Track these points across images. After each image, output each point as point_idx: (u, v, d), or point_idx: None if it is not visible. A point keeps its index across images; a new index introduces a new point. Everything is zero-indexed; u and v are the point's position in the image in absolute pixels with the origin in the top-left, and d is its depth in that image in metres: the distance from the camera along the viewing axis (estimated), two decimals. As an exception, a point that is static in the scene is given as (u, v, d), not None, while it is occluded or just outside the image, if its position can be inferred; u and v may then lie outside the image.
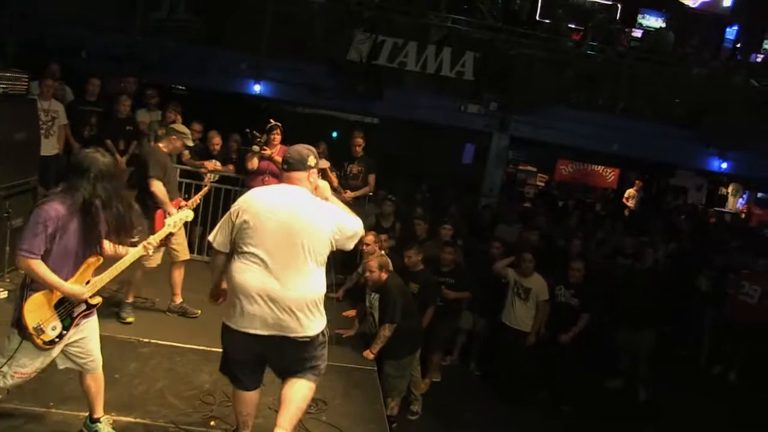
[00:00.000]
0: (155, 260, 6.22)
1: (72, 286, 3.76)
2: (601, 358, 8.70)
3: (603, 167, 16.33)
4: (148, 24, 10.88)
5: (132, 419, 4.57)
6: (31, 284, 3.70)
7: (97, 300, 3.96)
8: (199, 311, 6.63)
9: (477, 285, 7.90)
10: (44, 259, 3.63)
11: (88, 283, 3.86)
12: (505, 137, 11.75)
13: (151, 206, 6.22)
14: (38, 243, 3.57)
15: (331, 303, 7.70)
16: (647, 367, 8.39)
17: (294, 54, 11.16)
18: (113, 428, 4.29)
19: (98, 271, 3.94)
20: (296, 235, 3.81)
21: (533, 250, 8.08)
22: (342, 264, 8.68)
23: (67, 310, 3.80)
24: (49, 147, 8.40)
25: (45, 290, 3.70)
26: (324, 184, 4.12)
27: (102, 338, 4.25)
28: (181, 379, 5.24)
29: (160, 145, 6.47)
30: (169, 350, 5.73)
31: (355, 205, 8.58)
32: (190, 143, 6.62)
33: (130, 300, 6.39)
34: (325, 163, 4.34)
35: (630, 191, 15.04)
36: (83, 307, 3.87)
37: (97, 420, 4.23)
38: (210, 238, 4.04)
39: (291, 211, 3.85)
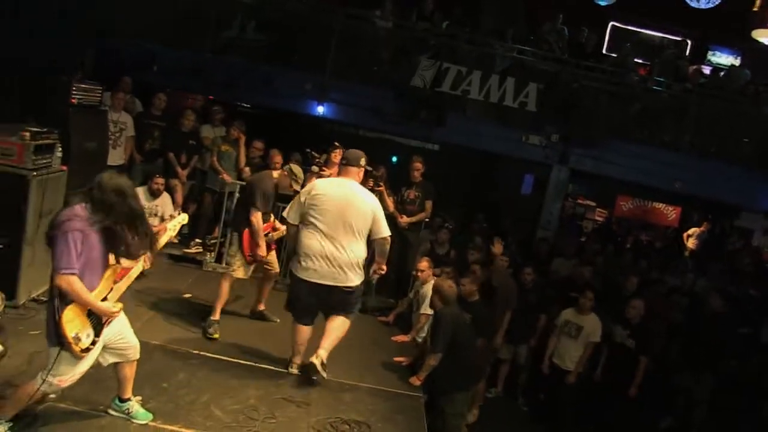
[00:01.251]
0: (241, 272, 6.59)
1: (103, 304, 3.94)
2: (655, 399, 8.43)
3: (664, 205, 15.95)
4: (218, 42, 11.17)
5: (176, 428, 4.62)
6: (62, 297, 3.81)
7: (119, 306, 4.09)
8: (278, 319, 6.90)
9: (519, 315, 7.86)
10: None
11: (111, 290, 4.03)
12: (566, 170, 11.60)
13: (242, 224, 6.54)
14: (73, 259, 3.72)
15: (381, 328, 7.80)
16: (702, 412, 8.09)
17: (358, 77, 11.28)
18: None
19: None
20: (347, 214, 5.53)
21: (586, 285, 7.95)
22: (394, 289, 8.69)
23: (97, 318, 3.95)
24: (116, 157, 8.66)
25: (77, 302, 3.83)
26: None
27: (152, 347, 4.38)
28: (227, 393, 5.26)
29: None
30: (218, 363, 5.79)
31: (410, 231, 8.64)
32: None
33: (216, 317, 6.51)
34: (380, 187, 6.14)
35: (693, 230, 14.64)
36: (113, 318, 4.06)
37: (128, 399, 4.47)
38: (284, 213, 5.84)
39: (344, 197, 5.57)
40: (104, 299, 3.98)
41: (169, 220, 4.78)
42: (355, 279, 5.65)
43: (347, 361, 6.45)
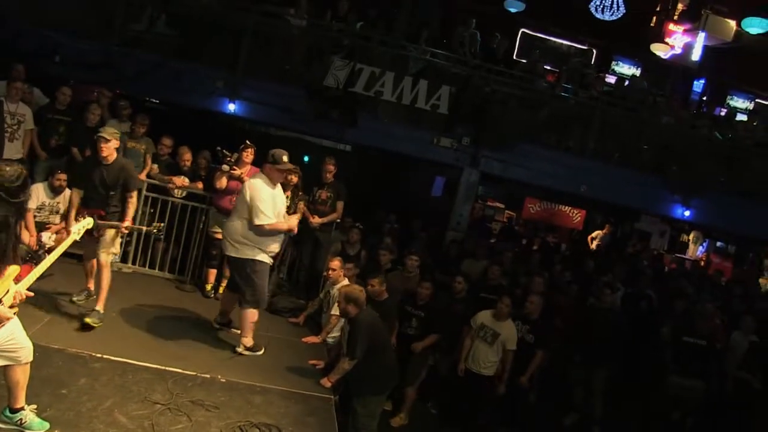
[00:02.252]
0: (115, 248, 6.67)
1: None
2: (557, 392, 8.75)
3: (570, 208, 16.52)
4: (127, 35, 10.80)
5: (76, 438, 4.43)
6: None
7: (15, 311, 3.92)
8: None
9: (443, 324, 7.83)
10: None
11: (7, 292, 3.83)
12: (476, 173, 11.81)
13: None
14: None
15: (291, 328, 7.74)
16: (600, 404, 8.48)
17: (271, 75, 11.15)
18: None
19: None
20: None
21: (503, 289, 8.14)
22: (305, 289, 8.66)
23: None
24: (13, 150, 8.25)
25: None
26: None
27: (51, 351, 4.19)
28: (131, 398, 5.10)
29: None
30: (123, 367, 5.58)
31: (322, 231, 8.62)
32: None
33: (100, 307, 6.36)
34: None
35: (597, 232, 15.21)
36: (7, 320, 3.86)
37: (21, 409, 4.24)
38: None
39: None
40: None
41: (72, 222, 4.61)
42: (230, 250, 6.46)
43: (258, 363, 6.41)
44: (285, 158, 6.39)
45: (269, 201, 6.28)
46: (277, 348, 7.02)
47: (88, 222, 4.72)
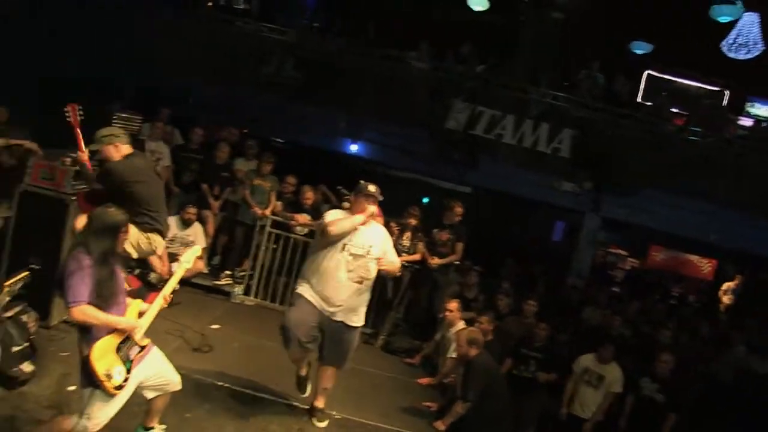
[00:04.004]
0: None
1: (125, 319, 3.92)
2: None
3: (699, 257, 15.71)
4: (255, 79, 11.33)
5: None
6: (87, 335, 3.81)
7: (147, 341, 4.08)
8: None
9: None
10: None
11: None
12: (598, 218, 11.49)
13: None
14: (82, 290, 3.71)
15: (406, 369, 7.71)
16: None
17: (392, 117, 11.32)
18: None
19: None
20: None
21: (609, 338, 7.77)
22: (422, 330, 8.61)
23: (125, 354, 3.89)
24: (150, 186, 8.73)
25: (103, 337, 3.79)
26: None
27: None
28: (249, 427, 5.22)
29: None
30: (242, 397, 5.72)
31: (440, 273, 8.57)
32: None
33: None
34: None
35: (727, 284, 14.33)
36: (137, 349, 3.97)
37: (152, 428, 4.41)
38: None
39: None
40: (128, 337, 3.96)
41: (182, 252, 4.75)
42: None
43: (371, 402, 6.39)
44: (372, 187, 5.52)
45: (338, 214, 5.48)
46: (391, 387, 7.01)
47: (196, 250, 4.79)
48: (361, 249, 5.35)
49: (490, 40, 12.97)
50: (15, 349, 4.84)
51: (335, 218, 5.33)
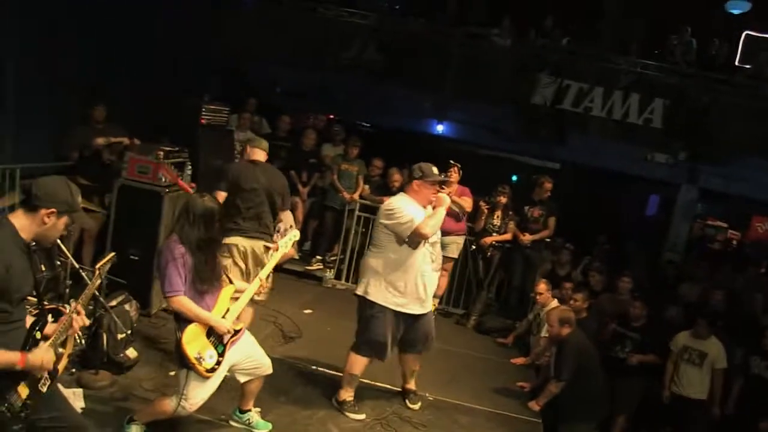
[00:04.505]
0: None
1: (218, 320, 4.01)
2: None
3: (807, 226, 14.88)
4: (338, 63, 11.42)
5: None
6: (181, 320, 3.95)
7: (240, 325, 4.20)
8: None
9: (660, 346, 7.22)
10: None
11: (228, 311, 4.09)
12: (694, 189, 11.04)
13: None
14: (177, 281, 3.85)
15: (499, 349, 7.67)
16: None
17: (477, 96, 11.19)
18: None
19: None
20: None
21: (717, 312, 7.47)
22: (514, 309, 8.53)
23: (218, 337, 4.02)
24: (241, 175, 8.94)
25: (194, 322, 3.93)
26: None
27: (274, 361, 4.46)
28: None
29: None
30: (335, 380, 5.77)
31: (533, 250, 8.45)
32: None
33: None
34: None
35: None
36: (230, 334, 4.08)
37: (249, 410, 4.59)
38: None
39: None
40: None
41: (279, 237, 4.83)
42: (360, 288, 5.27)
43: (464, 383, 6.39)
44: (435, 169, 5.18)
45: (408, 207, 5.05)
46: (484, 368, 7.01)
47: (294, 234, 4.88)
48: (436, 234, 5.20)
49: (573, 11, 12.59)
50: (120, 336, 5.08)
51: (416, 216, 4.95)
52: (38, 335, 3.03)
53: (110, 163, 6.88)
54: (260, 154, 6.05)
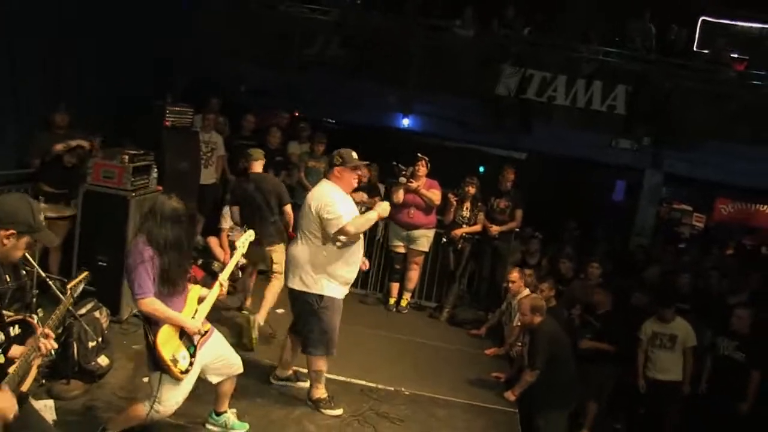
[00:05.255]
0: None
1: (190, 320, 4.00)
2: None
3: (768, 206, 15.13)
4: (302, 60, 11.36)
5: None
6: (150, 322, 3.90)
7: (208, 326, 4.17)
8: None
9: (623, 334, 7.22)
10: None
11: (196, 312, 4.07)
12: (659, 174, 11.18)
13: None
14: (147, 283, 3.81)
15: (472, 341, 7.70)
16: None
17: (442, 88, 11.20)
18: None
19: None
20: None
21: (683, 294, 7.57)
22: (486, 300, 8.58)
23: (189, 339, 4.00)
24: (208, 176, 8.88)
25: (166, 323, 3.89)
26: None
27: (246, 362, 4.44)
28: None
29: None
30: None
31: (501, 241, 8.50)
32: None
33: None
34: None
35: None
36: (200, 335, 4.07)
37: (224, 412, 4.57)
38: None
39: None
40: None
41: (237, 237, 4.82)
42: (294, 282, 5.10)
43: (440, 376, 6.42)
44: (354, 154, 5.22)
45: (341, 202, 5.04)
46: (459, 360, 7.04)
47: (249, 234, 4.85)
48: None
49: (534, 1, 12.65)
50: (91, 344, 5.00)
51: (345, 213, 4.94)
52: (1, 359, 2.96)
53: (72, 166, 6.76)
54: (257, 166, 6.84)
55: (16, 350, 3.00)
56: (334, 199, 4.97)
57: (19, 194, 3.20)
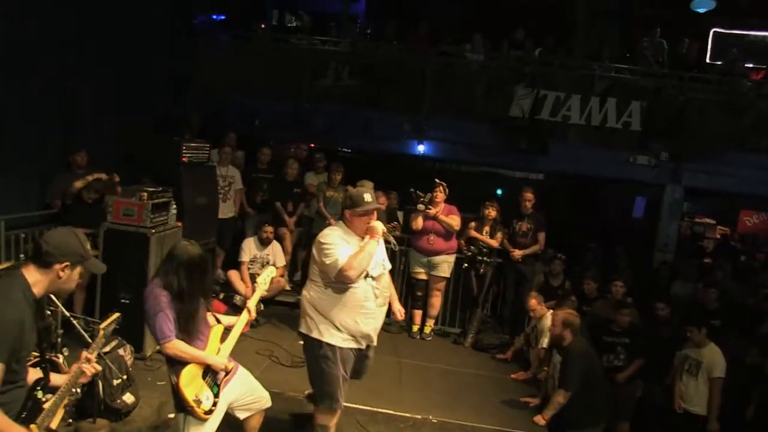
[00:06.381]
0: None
1: (215, 357, 3.99)
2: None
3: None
4: (315, 91, 11.45)
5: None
6: (175, 364, 3.89)
7: (232, 365, 4.14)
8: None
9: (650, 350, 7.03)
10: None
11: (219, 351, 4.07)
12: (679, 188, 11.08)
13: None
14: (168, 326, 3.82)
15: (498, 365, 7.61)
16: None
17: (456, 113, 11.22)
18: None
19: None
20: None
21: (709, 311, 7.39)
22: (510, 324, 8.50)
23: (212, 378, 3.98)
24: (226, 210, 8.94)
25: (189, 364, 3.88)
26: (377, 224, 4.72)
27: (271, 395, 4.42)
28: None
29: None
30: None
31: (525, 264, 8.43)
32: None
33: None
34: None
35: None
36: (223, 374, 4.05)
37: None
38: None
39: None
40: None
41: (258, 275, 4.79)
42: (302, 325, 4.80)
43: (467, 402, 6.35)
44: (367, 197, 4.72)
45: (342, 245, 4.58)
46: (485, 386, 6.95)
47: (270, 271, 4.83)
48: (379, 267, 4.78)
49: (544, 21, 12.69)
50: (116, 382, 5.02)
51: (342, 255, 4.50)
52: (39, 394, 3.00)
53: (92, 202, 6.83)
54: None
55: (57, 379, 3.04)
56: (334, 242, 4.59)
57: (65, 227, 3.25)
